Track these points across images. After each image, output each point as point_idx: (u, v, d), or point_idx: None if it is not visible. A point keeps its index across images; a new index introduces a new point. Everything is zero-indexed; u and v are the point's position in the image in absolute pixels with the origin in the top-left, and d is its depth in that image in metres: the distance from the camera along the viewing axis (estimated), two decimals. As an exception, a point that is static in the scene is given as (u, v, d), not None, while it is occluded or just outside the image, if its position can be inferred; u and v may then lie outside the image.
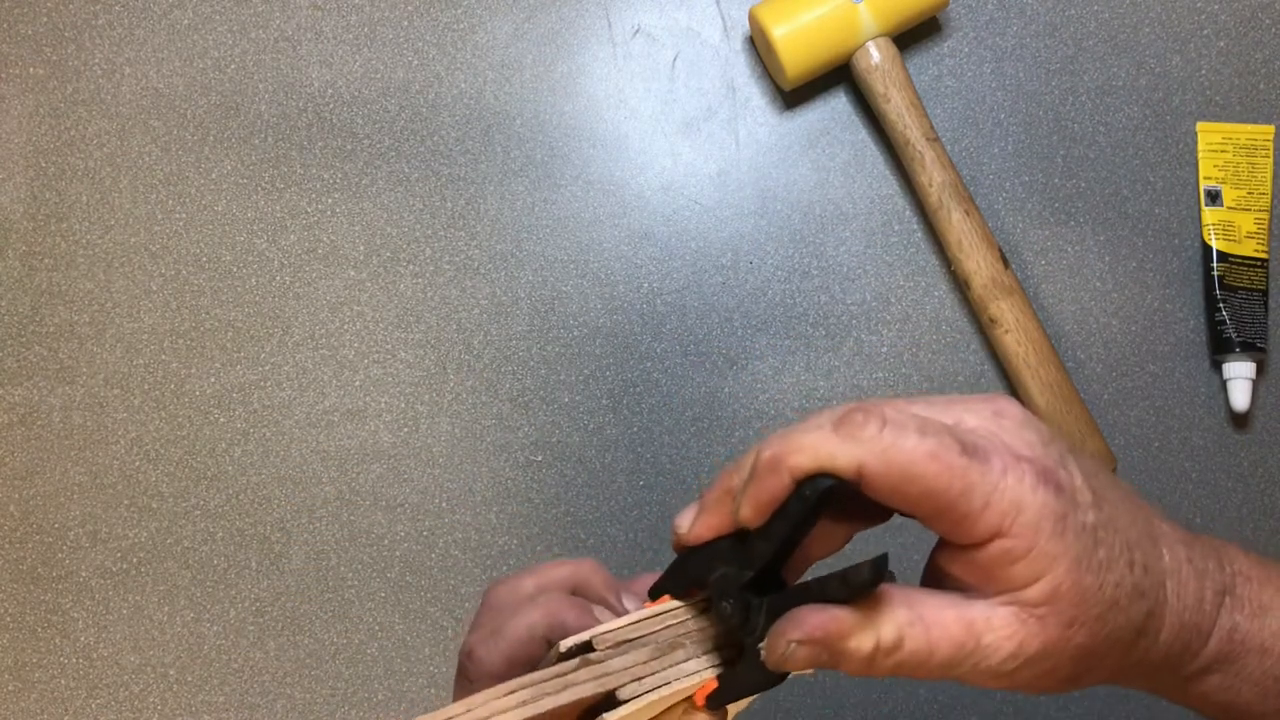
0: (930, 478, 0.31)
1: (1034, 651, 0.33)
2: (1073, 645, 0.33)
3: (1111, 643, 0.33)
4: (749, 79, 0.70)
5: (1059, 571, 0.32)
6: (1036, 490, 0.32)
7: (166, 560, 0.67)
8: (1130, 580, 0.33)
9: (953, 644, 0.32)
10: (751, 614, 0.35)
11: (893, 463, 0.32)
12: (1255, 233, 0.68)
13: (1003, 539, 0.32)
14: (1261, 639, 0.36)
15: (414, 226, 0.68)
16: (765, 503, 0.34)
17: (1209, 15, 0.70)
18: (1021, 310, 0.64)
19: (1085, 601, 0.32)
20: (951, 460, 0.31)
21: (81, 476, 0.67)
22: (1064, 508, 0.32)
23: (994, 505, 0.32)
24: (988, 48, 0.70)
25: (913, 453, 0.31)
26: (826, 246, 0.68)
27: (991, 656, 0.33)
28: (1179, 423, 0.68)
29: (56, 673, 0.67)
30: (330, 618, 0.67)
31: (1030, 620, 0.32)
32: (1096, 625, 0.33)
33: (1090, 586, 0.32)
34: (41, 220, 0.69)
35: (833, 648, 0.32)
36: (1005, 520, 0.32)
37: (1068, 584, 0.32)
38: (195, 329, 0.68)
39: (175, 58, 0.70)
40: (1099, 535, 0.33)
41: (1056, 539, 0.32)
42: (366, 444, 0.67)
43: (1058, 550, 0.32)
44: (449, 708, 0.35)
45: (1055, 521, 0.32)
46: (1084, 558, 0.32)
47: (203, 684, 0.67)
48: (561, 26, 0.70)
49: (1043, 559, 0.32)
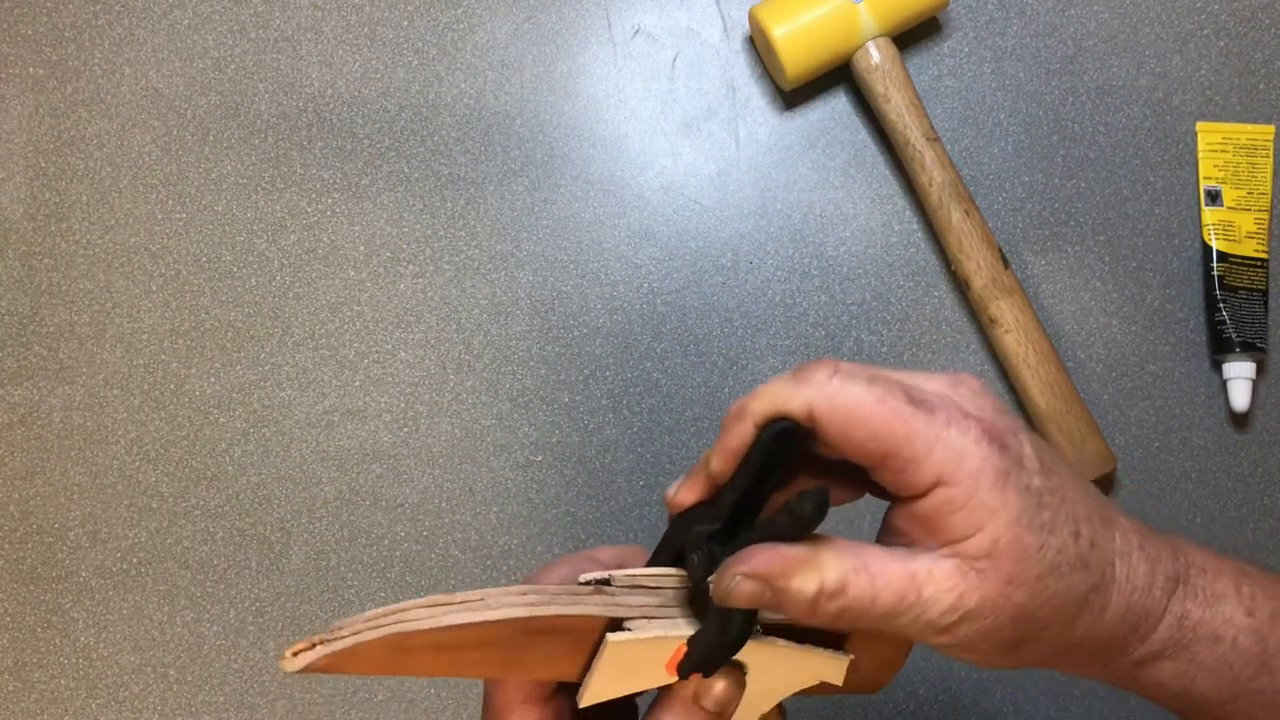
0: (875, 421, 0.33)
1: (973, 605, 0.33)
2: (1012, 604, 0.33)
3: (1053, 610, 0.34)
4: (749, 79, 0.70)
5: (999, 525, 0.33)
6: (980, 444, 0.33)
7: (166, 560, 0.67)
8: (1074, 549, 0.34)
9: (895, 593, 0.33)
10: (715, 566, 0.35)
11: (839, 405, 0.33)
12: (1255, 233, 0.68)
13: (944, 487, 0.33)
14: (1214, 627, 0.37)
15: (414, 226, 0.68)
16: (731, 450, 0.35)
17: (1209, 15, 0.70)
18: (1021, 310, 0.64)
19: (1024, 559, 0.33)
20: (897, 406, 0.33)
21: (81, 476, 0.67)
22: (1007, 465, 0.33)
23: (936, 453, 0.33)
24: (988, 48, 0.70)
25: (860, 397, 0.33)
26: (826, 246, 0.68)
27: (933, 608, 0.33)
28: (1179, 423, 0.68)
29: (56, 673, 0.67)
30: (330, 618, 0.67)
31: (970, 573, 0.33)
32: (1036, 587, 0.33)
33: (1030, 545, 0.33)
34: (41, 220, 0.69)
35: (775, 584, 0.33)
36: (946, 468, 0.33)
37: (1007, 539, 0.33)
38: (195, 329, 0.68)
39: (175, 58, 0.70)
40: (1043, 499, 0.34)
41: (997, 491, 0.33)
42: (366, 444, 0.67)
43: (997, 503, 0.33)
44: (466, 593, 0.36)
45: (997, 475, 0.33)
46: (1025, 516, 0.33)
47: (203, 684, 0.67)
48: (561, 26, 0.70)
49: (982, 510, 0.33)
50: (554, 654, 0.39)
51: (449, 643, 0.37)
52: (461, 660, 0.38)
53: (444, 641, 0.37)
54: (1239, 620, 0.37)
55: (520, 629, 0.37)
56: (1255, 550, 0.67)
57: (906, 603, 0.33)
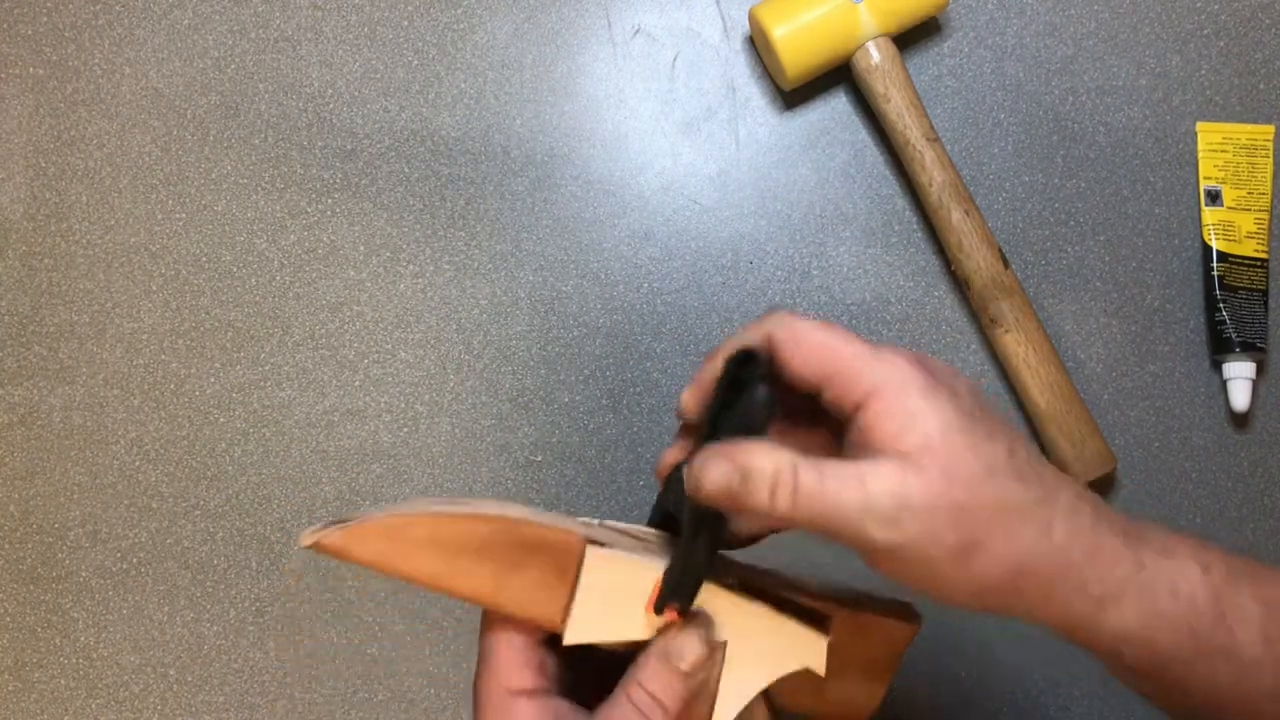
0: (821, 345, 0.38)
1: (916, 500, 0.36)
2: (950, 499, 0.36)
3: (992, 513, 0.37)
4: (749, 79, 0.70)
5: (929, 425, 0.37)
6: (910, 365, 0.38)
7: (166, 560, 0.67)
8: (1009, 462, 0.37)
9: (843, 488, 0.36)
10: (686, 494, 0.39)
11: (792, 332, 0.39)
12: (1255, 233, 0.68)
13: (876, 398, 0.37)
14: (1171, 578, 0.38)
15: (414, 226, 0.68)
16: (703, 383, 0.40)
17: (1209, 15, 0.70)
18: (1021, 310, 0.64)
19: (956, 457, 0.37)
20: (840, 334, 0.39)
21: (81, 476, 0.67)
22: (935, 383, 0.38)
23: (870, 370, 0.38)
24: (988, 48, 0.70)
25: (809, 326, 0.39)
26: (826, 246, 0.68)
27: (879, 504, 0.36)
28: (1179, 423, 0.68)
29: (56, 673, 0.67)
30: (330, 618, 0.67)
31: (909, 468, 0.36)
32: (973, 485, 0.37)
33: (961, 445, 0.37)
34: (41, 220, 0.69)
35: (740, 464, 0.37)
36: (878, 380, 0.37)
37: (938, 439, 0.37)
38: (195, 329, 0.68)
39: (175, 58, 0.70)
40: (975, 415, 0.38)
41: (925, 399, 0.37)
42: (366, 444, 0.67)
43: (926, 407, 0.37)
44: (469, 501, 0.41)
45: (925, 388, 0.37)
46: (956, 421, 0.37)
47: (203, 684, 0.67)
48: (561, 26, 0.70)
49: (914, 413, 0.37)
50: (539, 582, 0.41)
51: (446, 540, 0.41)
52: (455, 569, 0.41)
53: (441, 537, 0.41)
54: (1195, 576, 0.38)
55: (511, 539, 0.41)
56: (1255, 550, 0.67)
57: (855, 498, 0.36)
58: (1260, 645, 0.38)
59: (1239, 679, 0.38)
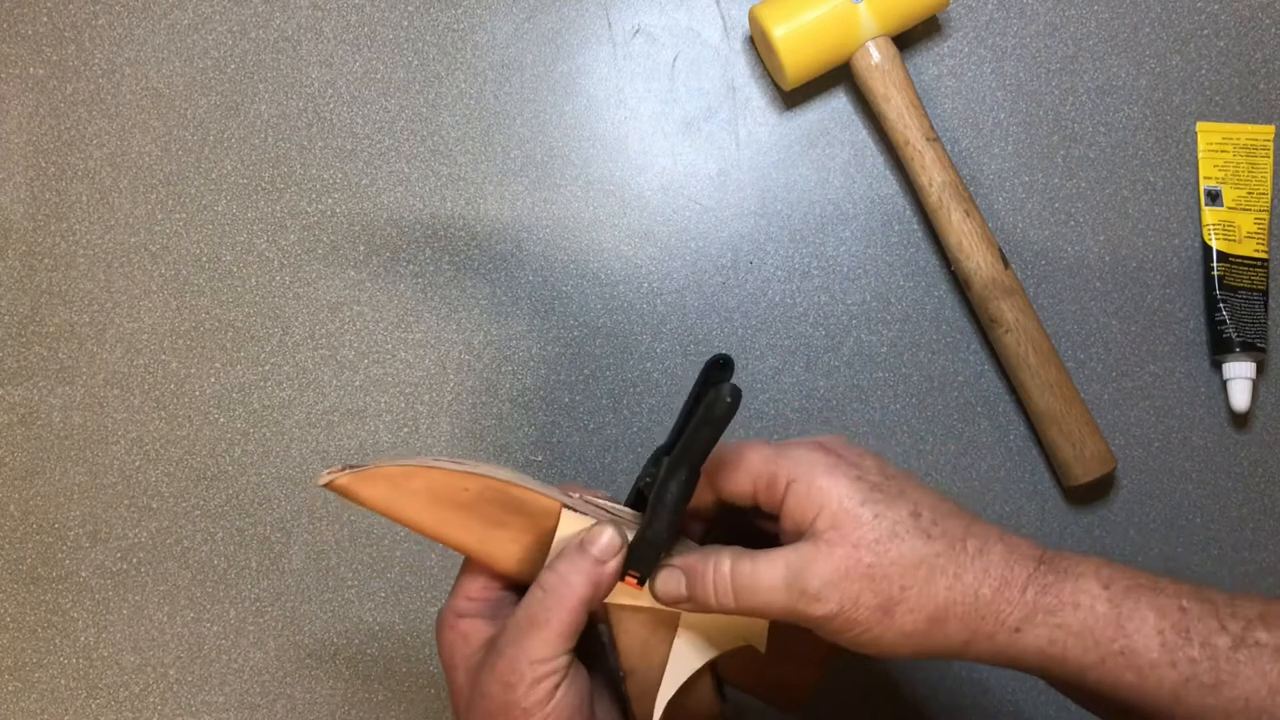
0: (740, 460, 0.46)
1: (834, 572, 0.42)
2: (862, 564, 0.42)
3: (901, 569, 0.42)
4: (749, 79, 0.70)
5: (832, 501, 0.43)
6: (815, 451, 0.44)
7: (166, 560, 0.67)
8: (912, 523, 0.43)
9: (774, 573, 0.43)
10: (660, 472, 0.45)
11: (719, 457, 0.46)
12: (1255, 233, 0.68)
13: (791, 489, 0.44)
14: (1075, 596, 0.43)
15: (414, 226, 0.68)
16: None
17: (1209, 15, 0.70)
18: (1021, 310, 0.64)
19: (860, 526, 0.43)
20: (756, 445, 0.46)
21: (81, 476, 0.67)
22: (837, 462, 0.44)
23: (784, 466, 0.44)
24: (988, 48, 0.70)
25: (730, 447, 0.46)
26: (826, 246, 0.68)
27: (804, 584, 0.42)
28: (1179, 423, 0.68)
29: (56, 673, 0.67)
30: (330, 618, 0.67)
31: (823, 546, 0.43)
32: (879, 548, 0.42)
33: (864, 515, 0.43)
34: (41, 220, 0.69)
35: (685, 568, 0.45)
36: (790, 473, 0.44)
37: (842, 511, 0.43)
38: (195, 329, 0.68)
39: (175, 58, 0.70)
40: (877, 485, 0.44)
41: (828, 477, 0.43)
42: (366, 444, 0.67)
43: (829, 484, 0.43)
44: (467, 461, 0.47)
45: (828, 468, 0.44)
46: (857, 494, 0.43)
47: (203, 684, 0.67)
48: (561, 26, 0.70)
49: (819, 492, 0.43)
50: (518, 539, 0.47)
51: (439, 492, 0.46)
52: (445, 518, 0.47)
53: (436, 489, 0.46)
54: (1095, 591, 0.43)
55: (497, 498, 0.47)
56: (1255, 550, 0.67)
57: (786, 580, 0.43)
58: (1158, 650, 0.42)
59: (1141, 680, 0.42)
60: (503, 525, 0.48)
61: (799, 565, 0.43)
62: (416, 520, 0.47)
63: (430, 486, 0.47)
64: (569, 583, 0.44)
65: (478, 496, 0.47)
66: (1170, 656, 0.42)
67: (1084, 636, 0.42)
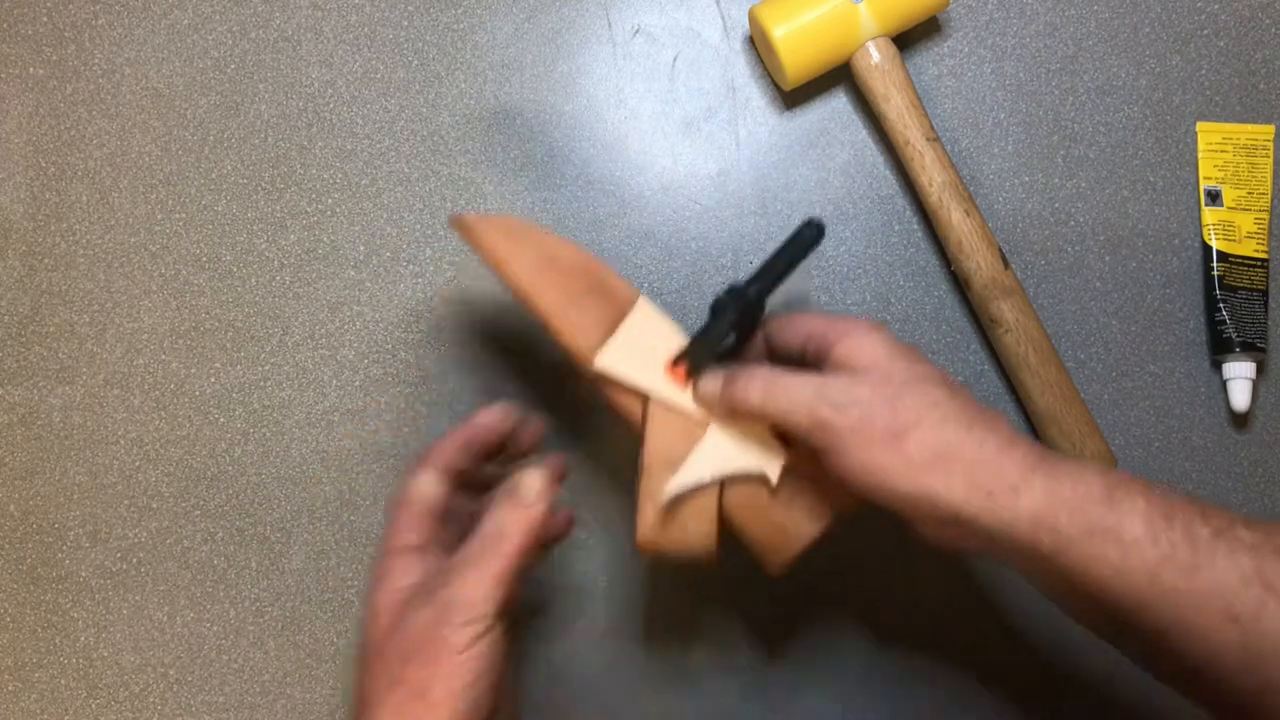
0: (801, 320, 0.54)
1: (859, 392, 0.48)
2: (887, 393, 0.48)
3: (921, 409, 0.48)
4: (749, 79, 0.70)
5: (878, 353, 0.50)
6: (868, 324, 0.51)
7: (166, 560, 0.67)
8: (940, 380, 0.49)
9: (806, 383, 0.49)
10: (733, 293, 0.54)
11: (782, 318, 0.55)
12: (1255, 233, 0.68)
13: (842, 342, 0.51)
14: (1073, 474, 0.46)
15: (414, 226, 0.69)
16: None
17: (1209, 15, 0.70)
18: (1021, 310, 0.64)
19: (894, 369, 0.49)
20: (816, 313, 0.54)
21: (81, 476, 0.68)
22: (885, 334, 0.51)
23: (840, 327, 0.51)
24: (988, 48, 0.70)
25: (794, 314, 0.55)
26: (826, 246, 0.68)
27: (830, 392, 0.49)
28: (1179, 423, 0.68)
29: (56, 673, 0.67)
30: (330, 618, 0.67)
31: (858, 374, 0.49)
32: (904, 388, 0.48)
33: (897, 364, 0.49)
34: (41, 220, 0.69)
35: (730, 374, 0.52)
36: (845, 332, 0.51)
37: (884, 359, 0.49)
38: (195, 329, 0.68)
39: (175, 58, 0.70)
40: (911, 354, 0.50)
41: (871, 335, 0.50)
42: (366, 444, 0.67)
43: (876, 341, 0.50)
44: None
45: (876, 333, 0.51)
46: (898, 353, 0.50)
47: (203, 684, 0.67)
48: (561, 26, 0.70)
49: (861, 346, 0.50)
50: (594, 318, 0.54)
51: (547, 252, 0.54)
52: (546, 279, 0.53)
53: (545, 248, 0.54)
54: (1093, 474, 0.46)
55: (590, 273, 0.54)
56: (1255, 550, 0.67)
57: (811, 388, 0.49)
58: (1142, 527, 0.44)
59: (1123, 556, 0.44)
60: (585, 301, 0.54)
61: (830, 383, 0.49)
62: (519, 273, 0.53)
63: (541, 244, 0.54)
64: (506, 533, 0.48)
65: (575, 266, 0.54)
66: (1153, 534, 0.44)
67: (1076, 508, 0.45)
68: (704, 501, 0.53)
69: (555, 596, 0.67)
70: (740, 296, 0.54)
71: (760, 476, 0.53)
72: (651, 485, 0.52)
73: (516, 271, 0.53)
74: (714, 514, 0.53)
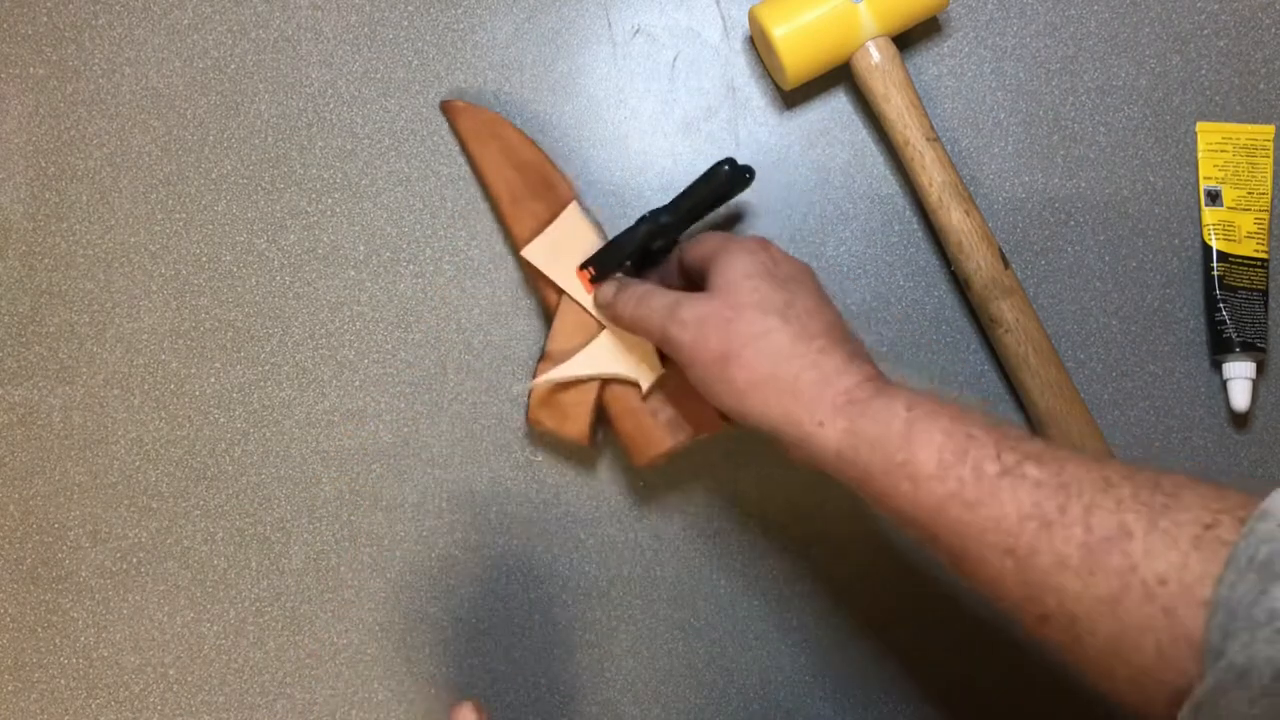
0: (704, 240, 0.58)
1: (701, 312, 0.53)
2: (722, 316, 0.52)
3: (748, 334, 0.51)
4: (749, 79, 0.70)
5: (728, 271, 0.54)
6: (746, 240, 0.56)
7: (166, 560, 0.67)
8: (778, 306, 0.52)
9: (666, 299, 0.55)
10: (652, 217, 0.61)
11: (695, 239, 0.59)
12: (1255, 233, 0.68)
13: (717, 255, 0.55)
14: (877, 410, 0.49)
15: (414, 226, 0.68)
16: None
17: (1209, 15, 0.70)
18: (1021, 310, 0.64)
19: (738, 292, 0.53)
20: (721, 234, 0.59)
21: (81, 476, 0.67)
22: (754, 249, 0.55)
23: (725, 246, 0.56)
24: (988, 48, 0.70)
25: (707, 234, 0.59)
26: (826, 246, 0.68)
27: (681, 312, 0.53)
28: (1179, 423, 0.68)
29: (56, 673, 0.67)
30: (330, 618, 0.67)
31: (705, 294, 0.54)
32: (740, 312, 0.52)
33: (744, 286, 0.53)
34: (41, 220, 0.69)
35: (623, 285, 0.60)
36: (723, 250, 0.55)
37: (730, 280, 0.53)
38: (195, 329, 0.68)
39: (175, 58, 0.70)
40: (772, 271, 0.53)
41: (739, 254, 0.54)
42: (366, 444, 0.67)
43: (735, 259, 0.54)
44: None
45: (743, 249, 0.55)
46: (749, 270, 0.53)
47: (203, 684, 0.67)
48: (561, 26, 0.70)
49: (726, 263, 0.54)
50: (536, 213, 0.64)
51: (512, 145, 0.65)
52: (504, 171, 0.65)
53: (512, 143, 0.65)
54: (898, 410, 0.48)
55: (544, 170, 0.64)
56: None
57: (668, 304, 0.54)
58: (933, 464, 0.46)
59: (915, 490, 0.47)
60: (533, 196, 0.64)
61: (683, 300, 0.54)
62: (484, 159, 0.65)
63: (506, 139, 0.65)
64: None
65: (530, 160, 0.64)
66: (942, 473, 0.46)
67: (875, 445, 0.48)
68: (584, 394, 0.62)
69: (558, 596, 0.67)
70: (653, 220, 0.60)
71: (634, 383, 0.62)
72: (544, 368, 0.62)
73: (481, 163, 0.65)
74: (590, 406, 0.62)
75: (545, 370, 0.62)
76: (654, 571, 0.67)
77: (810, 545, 0.67)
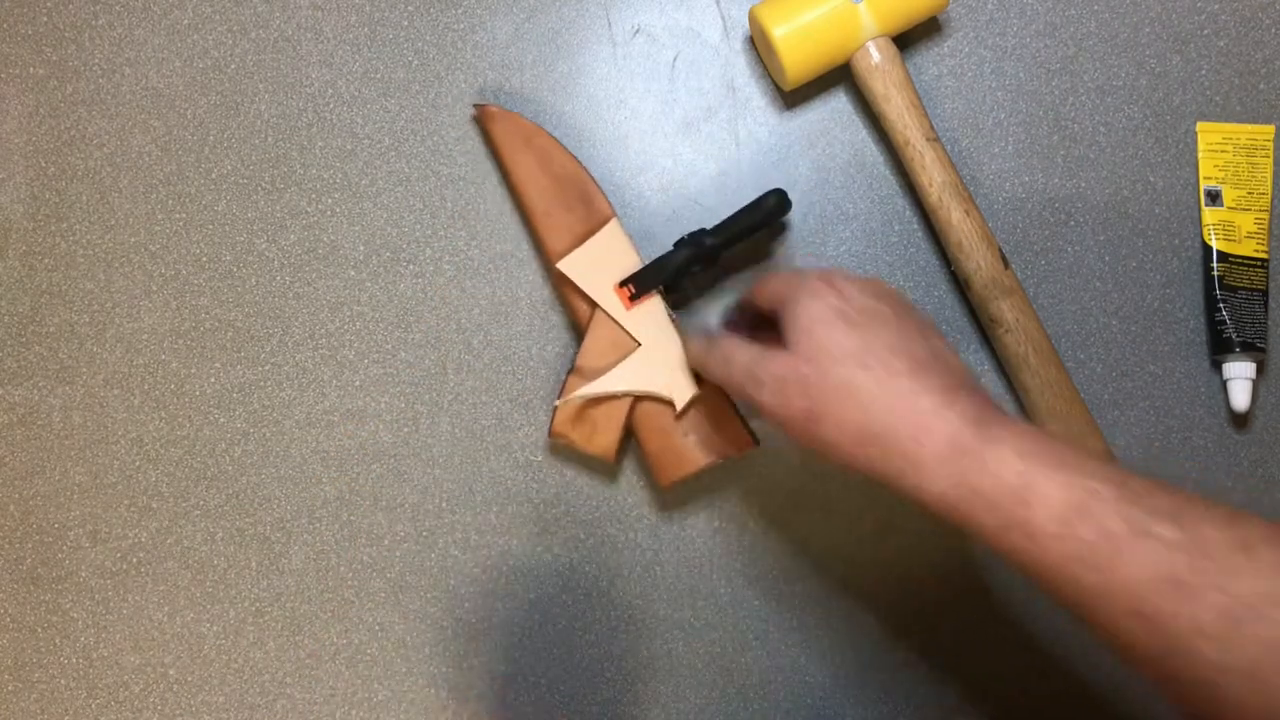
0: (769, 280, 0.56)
1: (780, 371, 0.51)
2: (800, 374, 0.50)
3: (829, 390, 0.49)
4: (749, 79, 0.70)
5: (803, 320, 0.51)
6: (812, 280, 0.53)
7: (166, 560, 0.67)
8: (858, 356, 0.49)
9: (747, 354, 0.53)
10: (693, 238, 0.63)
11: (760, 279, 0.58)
12: (1255, 233, 0.68)
13: (788, 303, 0.52)
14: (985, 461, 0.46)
15: (414, 226, 0.68)
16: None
17: (1209, 15, 0.70)
18: (1021, 310, 0.64)
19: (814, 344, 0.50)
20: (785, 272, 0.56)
21: (81, 476, 0.67)
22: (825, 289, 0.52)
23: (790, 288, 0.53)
24: (988, 48, 0.70)
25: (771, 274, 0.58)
26: (826, 246, 0.68)
27: (760, 371, 0.52)
28: (1179, 423, 0.68)
29: (56, 673, 0.67)
30: (330, 618, 0.67)
31: (784, 351, 0.51)
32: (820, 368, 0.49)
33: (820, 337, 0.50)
34: (41, 220, 0.69)
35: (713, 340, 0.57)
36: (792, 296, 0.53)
37: (807, 331, 0.50)
38: (195, 329, 0.68)
39: (175, 58, 0.70)
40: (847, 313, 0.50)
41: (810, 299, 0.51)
42: (366, 444, 0.67)
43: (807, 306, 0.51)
44: None
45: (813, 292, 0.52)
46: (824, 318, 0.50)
47: (203, 684, 0.67)
48: (561, 26, 0.70)
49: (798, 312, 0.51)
50: (571, 227, 0.64)
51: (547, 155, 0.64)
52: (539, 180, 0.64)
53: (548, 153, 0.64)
54: (1009, 461, 0.46)
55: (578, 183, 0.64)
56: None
57: (746, 365, 0.53)
58: (1054, 525, 0.44)
59: (1033, 548, 0.45)
60: (569, 208, 0.63)
61: (759, 359, 0.52)
62: (519, 167, 0.64)
63: (544, 149, 0.64)
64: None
65: (568, 173, 0.64)
66: (1062, 532, 0.44)
67: (988, 501, 0.45)
68: (615, 411, 0.62)
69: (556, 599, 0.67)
70: (696, 243, 0.62)
71: (668, 401, 0.62)
72: (575, 383, 0.62)
73: (515, 172, 0.64)
74: (620, 423, 0.62)
75: (576, 385, 0.62)
76: (654, 571, 0.67)
77: (811, 544, 0.67)
